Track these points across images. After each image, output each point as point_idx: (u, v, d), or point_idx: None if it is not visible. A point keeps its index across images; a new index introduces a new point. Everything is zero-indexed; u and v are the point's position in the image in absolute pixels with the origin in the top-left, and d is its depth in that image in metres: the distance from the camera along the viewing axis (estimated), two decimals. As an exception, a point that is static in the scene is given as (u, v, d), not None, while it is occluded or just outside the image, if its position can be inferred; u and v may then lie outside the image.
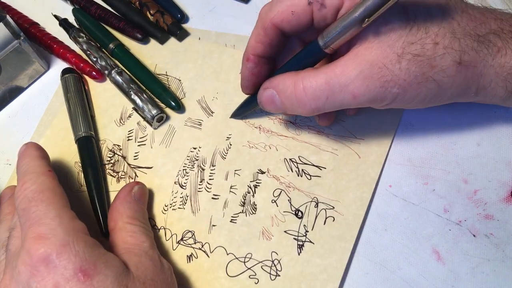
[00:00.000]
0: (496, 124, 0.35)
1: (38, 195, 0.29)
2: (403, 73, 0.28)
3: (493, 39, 0.29)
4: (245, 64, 0.34)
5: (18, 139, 0.43)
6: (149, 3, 0.46)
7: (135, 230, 0.32)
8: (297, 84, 0.30)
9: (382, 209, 0.34)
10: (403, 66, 0.28)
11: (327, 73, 0.29)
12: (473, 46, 0.28)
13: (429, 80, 0.28)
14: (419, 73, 0.28)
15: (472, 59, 0.28)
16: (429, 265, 0.32)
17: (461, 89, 0.30)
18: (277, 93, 0.32)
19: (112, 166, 0.40)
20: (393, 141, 0.36)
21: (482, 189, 0.34)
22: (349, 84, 0.28)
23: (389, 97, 0.29)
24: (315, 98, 0.30)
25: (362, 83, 0.28)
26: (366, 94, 0.29)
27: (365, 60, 0.28)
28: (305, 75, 0.30)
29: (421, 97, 0.29)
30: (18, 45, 0.43)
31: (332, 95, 0.29)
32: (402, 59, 0.28)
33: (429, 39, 0.28)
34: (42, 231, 0.27)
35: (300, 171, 0.37)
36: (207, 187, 0.38)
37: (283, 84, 0.31)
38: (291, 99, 0.31)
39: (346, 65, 0.29)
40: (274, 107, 0.33)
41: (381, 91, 0.28)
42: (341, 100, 0.29)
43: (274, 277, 0.33)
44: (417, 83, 0.28)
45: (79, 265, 0.26)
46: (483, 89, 0.30)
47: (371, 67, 0.28)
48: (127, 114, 0.42)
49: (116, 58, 0.45)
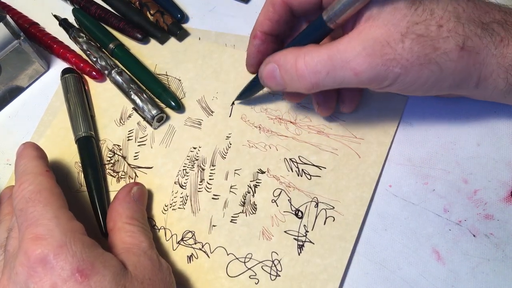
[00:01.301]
0: (496, 124, 0.35)
1: (35, 195, 0.29)
2: (406, 52, 0.28)
3: (497, 28, 0.29)
4: (252, 41, 0.34)
5: (18, 139, 0.43)
6: (149, 3, 0.46)
7: (134, 230, 0.32)
8: (299, 58, 0.30)
9: (382, 209, 0.34)
10: (406, 46, 0.28)
11: (330, 49, 0.29)
12: (476, 33, 0.28)
13: (431, 62, 0.28)
14: (422, 54, 0.28)
15: (475, 45, 0.28)
16: (429, 265, 0.32)
17: (463, 77, 0.29)
18: (278, 67, 0.31)
19: (112, 166, 0.40)
20: (393, 141, 0.36)
21: (482, 189, 0.34)
22: (351, 60, 0.28)
23: (391, 77, 0.29)
24: (316, 73, 0.29)
25: (365, 60, 0.28)
26: (368, 71, 0.28)
27: (369, 37, 0.28)
28: (307, 50, 0.30)
29: (423, 80, 0.29)
30: (18, 45, 0.43)
31: (333, 71, 0.29)
32: (406, 38, 0.28)
33: (434, 21, 0.28)
34: (39, 231, 0.27)
35: (300, 171, 0.37)
36: (207, 187, 0.38)
37: (284, 58, 0.31)
38: (291, 73, 0.30)
39: (349, 41, 0.28)
40: (274, 82, 0.32)
41: (383, 70, 0.28)
42: (342, 76, 0.29)
43: (274, 277, 0.33)
44: (419, 64, 0.28)
45: (77, 266, 0.26)
46: (484, 80, 0.30)
47: (374, 45, 0.28)
48: (127, 114, 0.42)
49: (116, 58, 0.45)
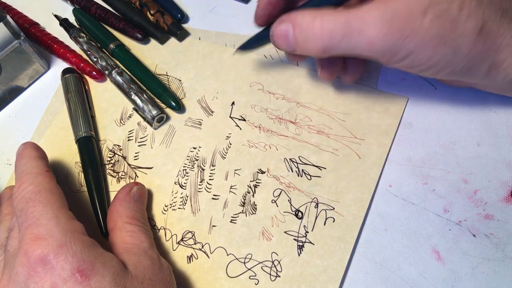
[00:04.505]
0: (496, 124, 0.35)
1: (35, 195, 0.29)
2: (424, 30, 0.28)
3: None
4: None
5: (18, 139, 0.43)
6: (149, 3, 0.46)
7: (134, 230, 0.32)
8: (316, 19, 0.30)
9: (382, 209, 0.34)
10: (425, 22, 0.27)
11: (348, 14, 0.29)
12: (495, 19, 0.28)
13: (446, 44, 0.28)
14: (439, 34, 0.28)
15: (492, 30, 0.28)
16: (429, 265, 0.32)
17: (476, 61, 0.29)
18: (293, 26, 0.31)
19: (112, 166, 0.40)
20: (393, 141, 0.36)
21: (482, 189, 0.34)
22: (367, 28, 0.28)
23: (403, 52, 0.29)
24: (330, 36, 0.29)
25: (381, 29, 0.28)
26: (382, 43, 0.28)
27: (390, 8, 0.28)
28: (325, 12, 0.30)
29: (435, 60, 0.29)
30: (18, 45, 0.43)
31: (348, 36, 0.29)
32: (426, 16, 0.27)
33: (455, 3, 0.28)
34: (39, 232, 0.27)
35: (300, 171, 0.37)
36: (207, 187, 0.38)
37: (302, 17, 0.31)
38: (305, 33, 0.30)
39: (369, 10, 0.28)
40: (286, 42, 0.32)
41: (397, 43, 0.28)
42: (356, 43, 0.29)
43: (274, 277, 0.33)
44: (434, 44, 0.28)
45: (77, 266, 0.26)
46: (495, 68, 0.30)
47: (394, 16, 0.28)
48: (128, 114, 0.42)
49: (117, 58, 0.45)
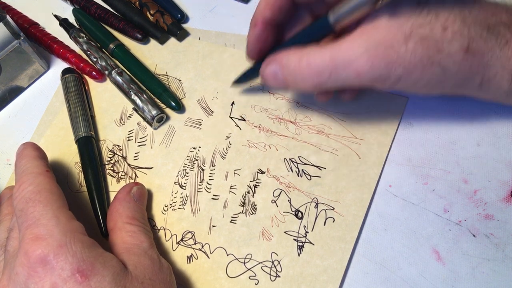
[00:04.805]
0: (496, 124, 0.35)
1: (35, 195, 0.29)
2: (409, 54, 0.28)
3: (503, 31, 0.29)
4: (252, 29, 0.34)
5: (18, 139, 0.43)
6: (149, 3, 0.46)
7: (134, 230, 0.32)
8: (302, 59, 0.30)
9: (382, 209, 0.34)
10: (409, 47, 0.28)
11: (332, 50, 0.29)
12: (482, 35, 0.28)
13: (434, 64, 0.28)
14: (425, 56, 0.28)
15: (479, 47, 0.28)
16: (429, 265, 0.32)
17: (466, 78, 0.29)
18: (280, 68, 0.32)
19: (112, 167, 0.40)
20: (393, 141, 0.36)
21: (482, 189, 0.33)
22: (353, 61, 0.28)
23: (393, 78, 0.29)
24: (319, 74, 0.30)
25: (367, 61, 0.28)
26: (370, 72, 0.28)
27: (372, 38, 0.28)
28: (310, 50, 0.30)
29: (425, 81, 0.29)
30: (18, 45, 0.43)
31: (336, 71, 0.29)
32: (409, 40, 0.27)
33: (439, 23, 0.28)
34: (39, 232, 0.27)
35: (300, 171, 0.37)
36: (207, 187, 0.38)
37: (287, 58, 0.31)
38: (294, 74, 0.31)
39: (352, 42, 0.29)
40: (276, 82, 0.32)
41: (385, 71, 0.28)
42: (345, 77, 0.29)
43: (274, 278, 0.33)
44: (422, 66, 0.28)
45: (77, 266, 0.26)
46: (488, 81, 0.30)
47: (377, 46, 0.28)
48: (127, 114, 0.42)
49: (116, 58, 0.45)
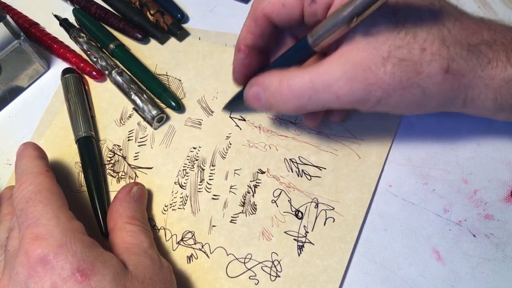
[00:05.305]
0: (496, 124, 0.35)
1: (35, 195, 0.29)
2: (388, 76, 0.27)
3: (484, 50, 0.28)
4: (236, 55, 0.34)
5: (18, 139, 0.43)
6: (149, 3, 0.46)
7: (134, 230, 0.32)
8: (282, 81, 0.30)
9: (382, 209, 0.34)
10: (388, 70, 0.27)
11: (311, 72, 0.29)
12: (462, 55, 0.28)
13: (414, 86, 0.28)
14: (404, 78, 0.27)
15: (460, 67, 0.28)
16: (429, 265, 0.32)
17: (448, 98, 0.29)
18: (262, 90, 0.32)
19: (112, 166, 0.40)
20: (393, 141, 0.36)
21: (482, 189, 0.34)
22: (332, 84, 0.28)
23: (373, 100, 0.28)
24: (299, 97, 0.29)
25: (346, 84, 0.28)
26: (349, 95, 0.28)
27: (350, 61, 0.28)
28: (290, 73, 0.30)
29: (406, 103, 0.29)
30: (18, 45, 0.43)
31: (316, 94, 0.29)
32: (388, 63, 0.27)
33: (417, 44, 0.27)
34: (39, 231, 0.27)
35: (300, 171, 0.37)
36: (207, 187, 0.38)
37: (269, 81, 0.31)
38: (275, 96, 0.31)
39: (331, 65, 0.28)
40: (259, 104, 0.33)
41: (364, 94, 0.28)
42: (324, 100, 0.29)
43: (274, 278, 0.33)
44: (401, 88, 0.28)
45: (77, 265, 0.26)
46: (472, 101, 0.29)
47: (355, 69, 0.28)
48: (127, 114, 0.42)
49: (117, 58, 0.45)
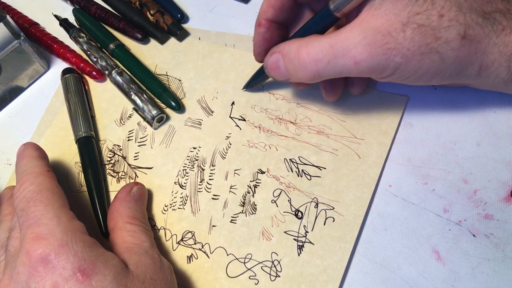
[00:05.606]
0: (496, 124, 0.35)
1: (36, 195, 0.29)
2: (407, 42, 0.28)
3: (499, 18, 0.29)
4: (257, 30, 0.34)
5: (18, 139, 0.43)
6: (149, 3, 0.46)
7: (135, 230, 0.32)
8: (301, 47, 0.31)
9: (382, 209, 0.34)
10: (407, 35, 0.28)
11: (331, 38, 0.29)
12: (478, 21, 0.28)
13: (432, 52, 0.28)
14: (423, 43, 0.28)
15: (476, 34, 0.29)
16: (429, 265, 0.32)
17: (464, 65, 0.30)
18: (282, 57, 0.32)
19: (112, 166, 0.40)
20: (393, 141, 0.36)
21: (482, 189, 0.34)
22: (351, 49, 0.29)
23: (392, 66, 0.29)
24: (317, 61, 0.30)
25: (365, 48, 0.28)
26: (368, 60, 0.29)
27: (370, 26, 0.28)
28: (310, 39, 0.31)
29: (424, 70, 0.29)
30: (18, 45, 0.43)
31: (334, 59, 0.29)
32: (407, 28, 0.28)
33: (435, 11, 0.28)
34: (41, 231, 0.27)
35: (300, 171, 0.37)
36: (207, 187, 0.38)
37: (288, 47, 0.32)
38: (294, 62, 0.31)
39: (350, 30, 0.29)
40: (278, 73, 0.33)
41: (383, 59, 0.28)
42: (342, 65, 0.29)
43: (274, 277, 0.33)
44: (420, 54, 0.28)
45: (78, 265, 0.26)
46: (486, 68, 0.30)
47: (375, 34, 0.28)
48: (127, 114, 0.42)
49: (117, 58, 0.45)
